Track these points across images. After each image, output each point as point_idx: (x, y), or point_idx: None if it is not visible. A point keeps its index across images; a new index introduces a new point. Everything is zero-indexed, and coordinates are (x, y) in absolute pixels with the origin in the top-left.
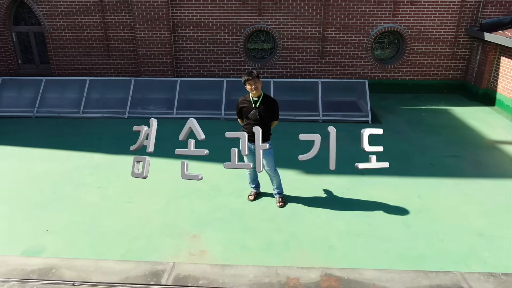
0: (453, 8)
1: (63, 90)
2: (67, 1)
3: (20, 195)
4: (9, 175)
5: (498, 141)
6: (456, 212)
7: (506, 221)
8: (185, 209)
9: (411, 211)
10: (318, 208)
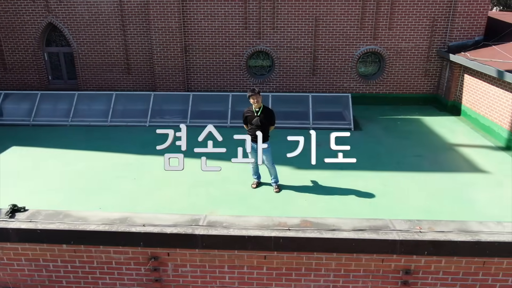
0: (425, 33)
1: (93, 103)
2: (94, 26)
3: (70, 186)
4: (57, 171)
5: (457, 144)
6: (411, 196)
7: (447, 202)
8: (203, 194)
9: (377, 196)
10: (306, 193)
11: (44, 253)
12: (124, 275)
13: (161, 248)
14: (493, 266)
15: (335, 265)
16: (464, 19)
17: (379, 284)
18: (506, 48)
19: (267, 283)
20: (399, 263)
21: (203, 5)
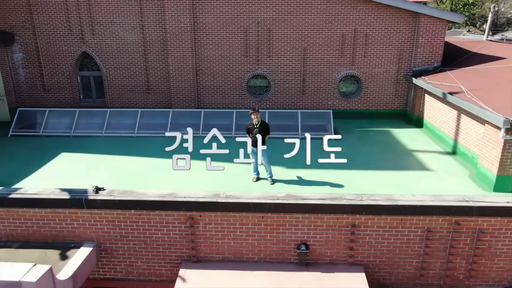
0: (394, 60)
1: (121, 118)
2: (120, 54)
3: (117, 178)
4: (103, 172)
5: (415, 150)
6: (366, 185)
7: (392, 189)
8: (214, 185)
9: (345, 185)
10: (296, 185)
11: (118, 216)
12: (171, 230)
13: (195, 211)
14: (408, 221)
15: (307, 222)
16: (425, 49)
17: (336, 234)
18: (457, 73)
19: (264, 235)
20: (348, 220)
21: (211, 37)
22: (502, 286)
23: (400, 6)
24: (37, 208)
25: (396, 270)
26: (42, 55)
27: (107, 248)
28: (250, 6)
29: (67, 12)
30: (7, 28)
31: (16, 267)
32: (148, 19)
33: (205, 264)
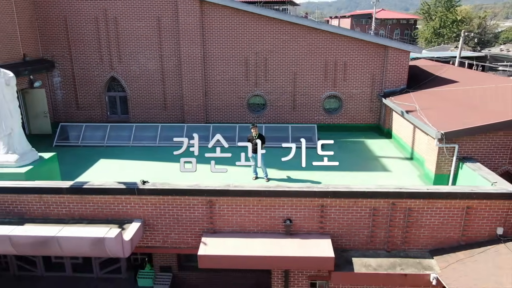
0: (368, 83)
1: (145, 131)
2: (142, 78)
3: (152, 176)
4: (135, 172)
5: (382, 156)
6: (338, 181)
7: (357, 183)
8: (228, 180)
9: (322, 181)
10: (288, 182)
11: (159, 200)
12: (196, 210)
13: (213, 197)
14: (360, 203)
15: (290, 204)
16: (393, 74)
17: (310, 212)
18: (417, 94)
19: (260, 213)
20: (318, 202)
21: (218, 64)
22: (428, 249)
23: (372, 40)
24: (102, 195)
25: (353, 238)
26: (77, 79)
27: (150, 224)
28: (250, 39)
29: (99, 44)
30: (48, 57)
31: (98, 229)
32: (166, 50)
33: (219, 234)
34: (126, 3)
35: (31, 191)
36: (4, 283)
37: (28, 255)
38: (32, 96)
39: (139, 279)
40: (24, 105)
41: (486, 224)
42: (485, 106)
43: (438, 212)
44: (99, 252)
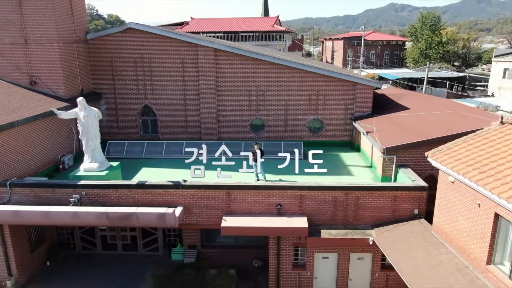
0: (342, 109)
1: (173, 147)
2: (170, 106)
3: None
4: (168, 176)
5: (351, 165)
6: (314, 182)
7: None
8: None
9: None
10: (280, 182)
11: (194, 192)
12: (219, 199)
13: (230, 190)
14: (326, 193)
15: (280, 194)
16: (360, 103)
17: (293, 200)
18: (378, 119)
19: (261, 201)
20: (298, 193)
21: (228, 95)
22: (370, 224)
23: (345, 78)
24: (157, 189)
25: (321, 217)
26: (118, 106)
27: (188, 208)
28: (251, 76)
29: (136, 80)
30: (97, 90)
31: (159, 209)
32: (188, 85)
33: (234, 214)
34: (158, 49)
35: (110, 187)
36: (72, 259)
37: (114, 226)
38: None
39: (173, 254)
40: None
41: (407, 207)
42: (419, 128)
43: (376, 199)
44: (161, 223)
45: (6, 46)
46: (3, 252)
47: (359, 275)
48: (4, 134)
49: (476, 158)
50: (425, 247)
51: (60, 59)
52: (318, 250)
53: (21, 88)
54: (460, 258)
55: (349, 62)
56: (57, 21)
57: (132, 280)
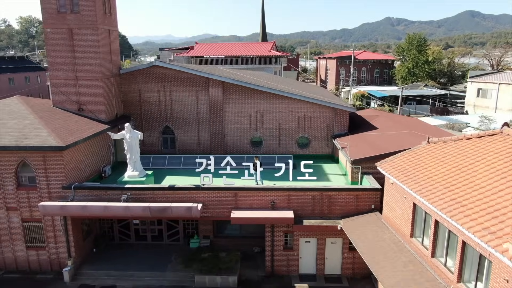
0: (324, 129)
1: (189, 159)
2: (186, 126)
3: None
4: (188, 182)
5: (331, 173)
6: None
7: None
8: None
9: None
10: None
11: (210, 193)
12: (228, 197)
13: (237, 191)
14: (307, 193)
15: (274, 194)
16: (339, 124)
17: (283, 198)
18: (353, 137)
19: (260, 198)
20: (286, 193)
21: (233, 118)
22: (339, 216)
23: (326, 104)
24: (183, 190)
25: (304, 211)
26: (144, 126)
27: (206, 204)
28: (251, 103)
29: (159, 105)
30: (127, 113)
31: (187, 204)
32: (201, 109)
33: (240, 209)
34: (177, 81)
35: (148, 189)
36: (112, 247)
37: (153, 217)
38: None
39: (191, 243)
40: (114, 145)
41: (366, 203)
42: (381, 145)
43: (343, 198)
44: (188, 214)
45: (61, 81)
46: (66, 239)
47: (333, 255)
48: (70, 150)
49: (406, 167)
50: (375, 230)
51: (102, 91)
52: (302, 235)
53: (72, 114)
54: (397, 236)
55: (342, 80)
56: (101, 62)
57: (160, 262)
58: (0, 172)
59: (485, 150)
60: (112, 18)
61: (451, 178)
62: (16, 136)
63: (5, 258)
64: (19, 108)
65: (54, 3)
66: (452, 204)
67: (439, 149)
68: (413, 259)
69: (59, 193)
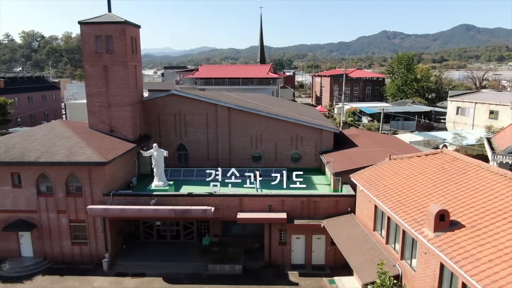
0: (313, 146)
1: (200, 172)
2: (197, 144)
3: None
4: (198, 191)
5: (318, 184)
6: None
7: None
8: None
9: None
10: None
11: (221, 198)
12: (234, 202)
13: (242, 197)
14: (297, 199)
15: (270, 199)
16: (325, 142)
17: (278, 202)
18: (337, 153)
19: (259, 203)
20: (281, 198)
21: (237, 137)
22: (323, 217)
23: (315, 126)
24: (199, 197)
25: (295, 213)
26: (162, 144)
27: (217, 208)
28: (252, 124)
29: (175, 126)
30: (148, 133)
31: (203, 207)
32: (210, 130)
33: (244, 211)
34: (190, 106)
35: (172, 196)
36: (138, 244)
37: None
38: (141, 155)
39: (203, 241)
40: (138, 160)
41: (344, 207)
42: (358, 160)
43: (326, 202)
44: (204, 215)
45: (96, 107)
46: (104, 236)
47: (318, 248)
48: (110, 165)
49: (371, 178)
50: (349, 227)
51: (129, 116)
52: (293, 233)
53: (105, 135)
54: (364, 230)
55: (335, 97)
56: (129, 92)
57: (179, 255)
58: (54, 182)
59: (427, 165)
60: (137, 55)
61: (400, 186)
62: (66, 154)
63: (54, 252)
64: (63, 131)
65: (93, 45)
66: (397, 205)
67: (396, 164)
68: (374, 246)
69: (100, 199)
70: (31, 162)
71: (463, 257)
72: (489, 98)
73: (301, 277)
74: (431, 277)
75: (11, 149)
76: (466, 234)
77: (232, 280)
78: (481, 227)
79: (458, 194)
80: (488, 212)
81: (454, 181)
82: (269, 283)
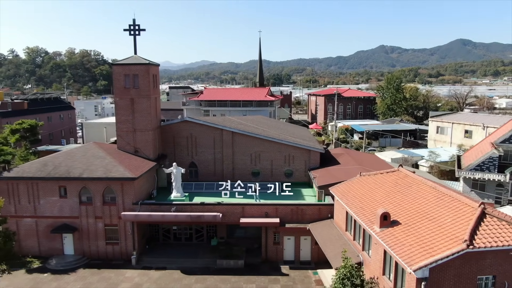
0: (303, 163)
1: (209, 185)
2: (206, 161)
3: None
4: (210, 200)
5: (306, 195)
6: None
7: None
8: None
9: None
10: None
11: (228, 207)
12: (238, 210)
13: (244, 205)
14: (287, 207)
15: (266, 207)
16: (312, 160)
17: (273, 210)
18: (323, 170)
19: (257, 210)
20: (275, 206)
21: (239, 156)
22: (309, 221)
23: (304, 147)
24: (209, 205)
25: (286, 218)
26: (177, 162)
27: (224, 214)
28: (252, 145)
29: (187, 147)
30: (164, 153)
31: (213, 213)
32: (216, 150)
33: (246, 217)
34: (200, 130)
35: (188, 205)
36: (158, 245)
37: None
38: (160, 170)
39: (211, 242)
40: (157, 175)
41: (325, 213)
42: (338, 176)
43: (311, 210)
44: (213, 220)
45: (123, 132)
46: (132, 237)
47: (305, 247)
48: (138, 180)
49: (344, 190)
50: (329, 230)
51: (151, 139)
52: (285, 234)
53: (131, 155)
54: (339, 231)
55: (330, 114)
56: (151, 119)
57: (192, 253)
58: (93, 194)
59: (385, 180)
60: (157, 89)
61: (364, 196)
62: (103, 171)
63: (91, 251)
64: (97, 151)
65: (122, 82)
66: (360, 210)
67: (364, 179)
68: (345, 242)
69: (130, 207)
70: (75, 178)
71: (395, 243)
72: (464, 118)
73: (291, 270)
74: (379, 261)
75: (57, 167)
76: (400, 229)
77: (235, 272)
78: (410, 224)
79: (402, 202)
80: (418, 214)
81: (401, 192)
82: (266, 274)
